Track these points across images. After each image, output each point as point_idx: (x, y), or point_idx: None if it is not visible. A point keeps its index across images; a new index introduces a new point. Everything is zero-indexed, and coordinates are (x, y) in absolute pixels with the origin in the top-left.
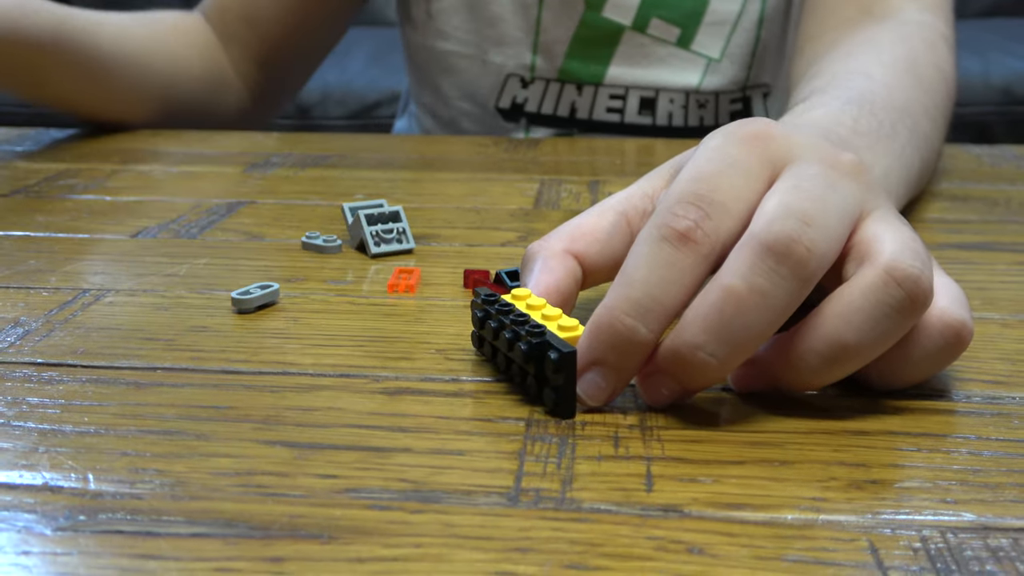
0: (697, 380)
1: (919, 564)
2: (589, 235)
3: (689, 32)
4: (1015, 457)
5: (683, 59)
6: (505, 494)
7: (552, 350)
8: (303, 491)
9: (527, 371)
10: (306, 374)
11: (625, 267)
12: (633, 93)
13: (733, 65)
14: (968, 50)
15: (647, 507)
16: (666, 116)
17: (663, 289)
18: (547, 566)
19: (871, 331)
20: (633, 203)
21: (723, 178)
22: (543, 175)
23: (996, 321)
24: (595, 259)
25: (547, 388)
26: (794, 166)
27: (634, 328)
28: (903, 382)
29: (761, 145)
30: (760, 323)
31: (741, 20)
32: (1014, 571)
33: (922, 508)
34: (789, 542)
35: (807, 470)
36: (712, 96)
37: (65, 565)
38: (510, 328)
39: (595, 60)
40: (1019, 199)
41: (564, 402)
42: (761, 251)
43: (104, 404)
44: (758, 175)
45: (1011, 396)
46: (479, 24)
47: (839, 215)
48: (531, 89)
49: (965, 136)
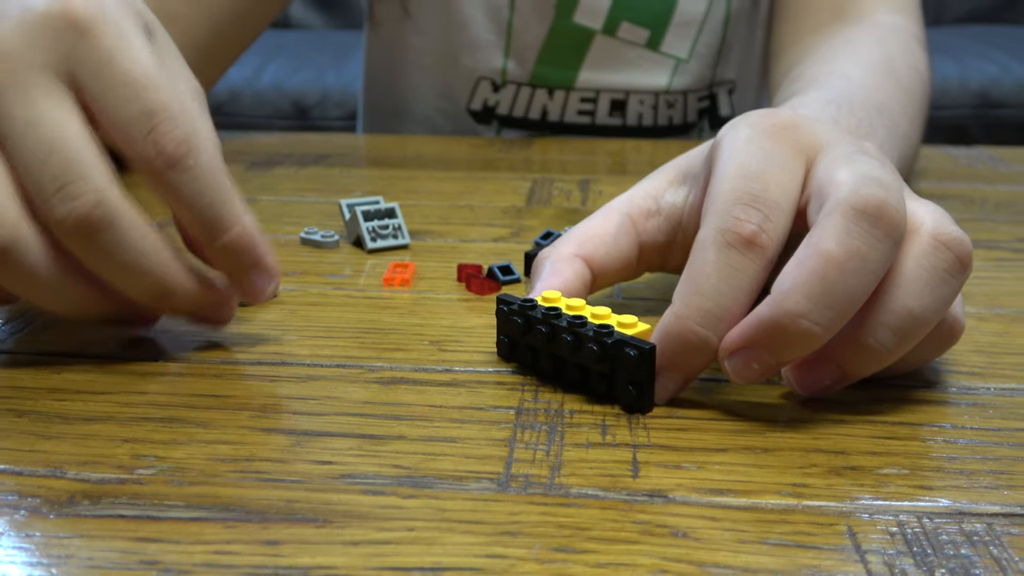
0: (797, 350)
1: (896, 548)
2: (596, 238)
3: (658, 34)
4: (989, 445)
5: (652, 61)
6: (495, 480)
7: (630, 347)
8: (299, 477)
9: (598, 371)
10: (303, 364)
11: (692, 274)
12: (604, 95)
13: (700, 64)
14: (945, 55)
15: (633, 492)
16: (636, 117)
17: (733, 297)
18: (536, 549)
19: (931, 295)
20: (637, 204)
21: (771, 175)
22: (536, 174)
23: (972, 315)
24: (603, 261)
25: (626, 385)
26: (832, 148)
27: (707, 338)
28: (901, 371)
29: (791, 136)
30: (860, 286)
31: (707, 20)
32: (988, 555)
33: (899, 494)
34: (770, 526)
35: (788, 457)
36: (681, 95)
37: (67, 548)
38: (570, 331)
39: (566, 64)
40: (994, 198)
41: (645, 397)
42: (855, 216)
43: (106, 393)
44: (796, 167)
45: (986, 387)
46: (450, 27)
47: (898, 183)
48: (502, 93)
49: (942, 138)
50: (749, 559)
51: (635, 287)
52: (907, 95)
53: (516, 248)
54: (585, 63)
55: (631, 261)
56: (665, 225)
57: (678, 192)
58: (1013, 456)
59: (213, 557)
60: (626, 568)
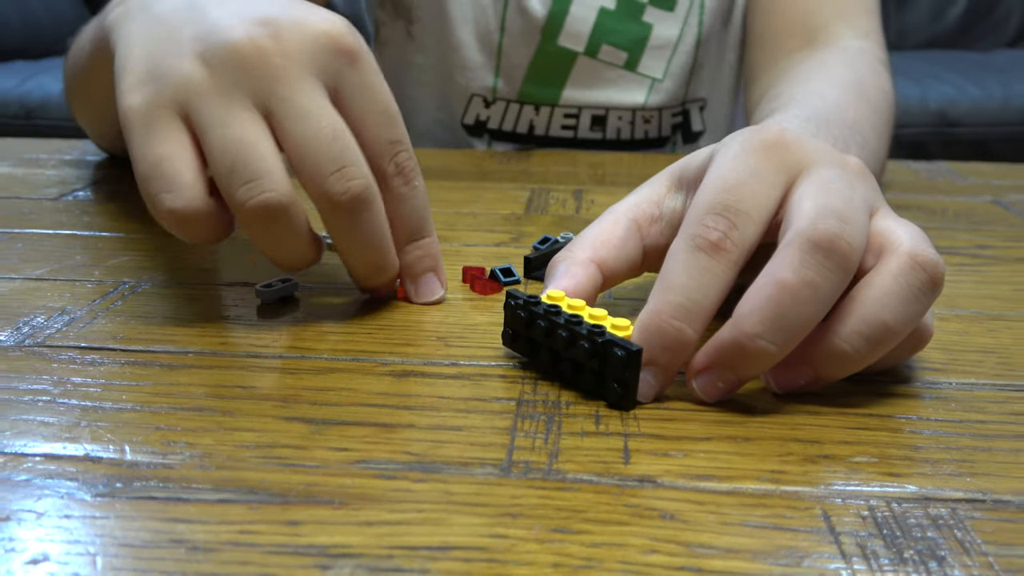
0: (754, 368)
1: (867, 530)
2: (608, 243)
3: (635, 56)
4: (952, 436)
5: (630, 80)
6: (498, 466)
7: (618, 348)
8: (318, 462)
9: (588, 367)
10: (321, 358)
11: (665, 275)
12: (585, 112)
13: (674, 83)
14: (907, 78)
15: (625, 478)
16: (615, 131)
17: (702, 293)
18: (535, 530)
19: (904, 311)
20: (642, 209)
21: (746, 188)
22: (533, 184)
23: (934, 315)
24: (613, 263)
25: (612, 383)
26: (814, 170)
27: (681, 329)
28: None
29: (778, 154)
30: (811, 313)
31: (680, 43)
32: (952, 537)
33: (870, 480)
34: (751, 509)
35: (767, 446)
36: (656, 112)
37: (103, 527)
38: (566, 328)
39: (551, 83)
40: (953, 209)
41: (628, 395)
42: (810, 248)
43: (140, 384)
44: (776, 182)
45: (948, 382)
46: (447, 48)
47: (863, 212)
48: (493, 108)
49: (904, 153)
50: (731, 540)
51: (624, 288)
52: (876, 113)
53: (516, 252)
54: (568, 82)
55: (636, 263)
56: (667, 229)
57: (676, 198)
58: (974, 446)
59: (237, 536)
60: (618, 548)
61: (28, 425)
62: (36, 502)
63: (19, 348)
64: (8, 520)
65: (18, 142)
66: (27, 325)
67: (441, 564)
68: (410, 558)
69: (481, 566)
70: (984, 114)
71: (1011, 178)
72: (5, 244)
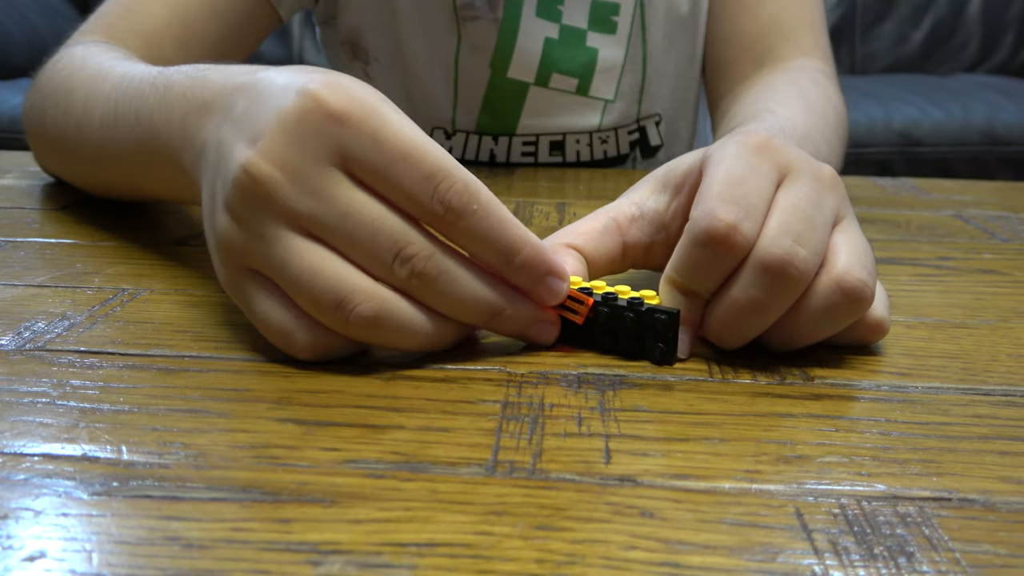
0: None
1: (839, 527)
2: (585, 234)
3: (586, 81)
4: (918, 437)
5: (583, 104)
6: (484, 465)
7: (659, 313)
8: (310, 462)
9: (635, 335)
10: (313, 361)
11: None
12: (544, 138)
13: (625, 103)
14: (873, 100)
15: (606, 477)
16: (574, 154)
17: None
18: (520, 527)
19: (817, 326)
20: (622, 209)
21: (751, 182)
22: (518, 197)
23: (900, 323)
24: (590, 253)
25: (657, 344)
26: (793, 177)
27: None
28: (801, 342)
29: (771, 155)
30: (758, 327)
31: (627, 63)
32: (920, 534)
33: (840, 480)
34: (727, 507)
35: (742, 447)
36: (612, 131)
37: (99, 525)
38: (605, 304)
39: (506, 114)
40: (916, 222)
41: (671, 352)
42: (761, 270)
43: (137, 386)
44: (772, 179)
45: (914, 386)
46: (407, 85)
47: (823, 230)
48: (454, 140)
49: (870, 171)
50: (708, 536)
51: None
52: (823, 121)
53: None
54: (524, 112)
55: (615, 256)
56: (648, 227)
57: (659, 199)
58: (939, 447)
59: (231, 533)
60: (600, 544)
61: (27, 426)
62: (34, 501)
63: (20, 352)
64: (6, 518)
65: (24, 155)
66: (28, 330)
67: (428, 560)
68: (398, 554)
69: (467, 562)
70: (945, 134)
71: (971, 194)
72: (8, 252)
